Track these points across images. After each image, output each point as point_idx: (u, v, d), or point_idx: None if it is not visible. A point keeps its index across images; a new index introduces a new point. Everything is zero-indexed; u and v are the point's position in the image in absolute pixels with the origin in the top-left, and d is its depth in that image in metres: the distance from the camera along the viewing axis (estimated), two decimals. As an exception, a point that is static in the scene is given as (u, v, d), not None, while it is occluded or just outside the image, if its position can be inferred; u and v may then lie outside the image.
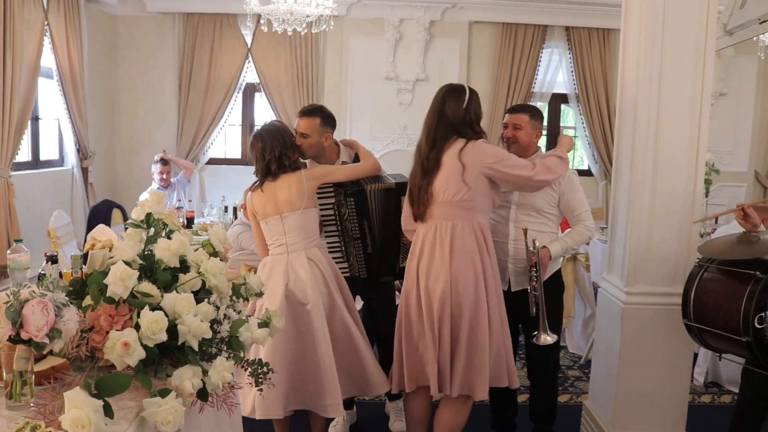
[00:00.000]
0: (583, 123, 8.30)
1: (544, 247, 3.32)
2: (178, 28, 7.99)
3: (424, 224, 3.14)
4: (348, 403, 3.68)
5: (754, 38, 6.27)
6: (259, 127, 3.38)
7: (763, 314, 2.59)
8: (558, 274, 3.55)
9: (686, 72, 3.21)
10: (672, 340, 3.33)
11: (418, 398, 3.28)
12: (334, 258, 3.45)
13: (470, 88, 3.18)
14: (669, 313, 3.25)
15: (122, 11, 7.89)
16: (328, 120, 3.43)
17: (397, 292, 3.87)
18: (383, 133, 8.16)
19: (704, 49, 3.19)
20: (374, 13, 7.92)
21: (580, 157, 8.92)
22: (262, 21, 6.26)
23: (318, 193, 3.36)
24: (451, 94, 3.13)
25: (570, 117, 8.78)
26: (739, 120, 8.57)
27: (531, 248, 3.27)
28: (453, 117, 3.08)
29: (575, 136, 8.42)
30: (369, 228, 3.43)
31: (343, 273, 3.44)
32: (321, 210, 3.40)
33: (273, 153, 3.20)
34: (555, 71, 8.32)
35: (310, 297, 3.15)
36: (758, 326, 2.58)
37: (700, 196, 3.33)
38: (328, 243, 3.49)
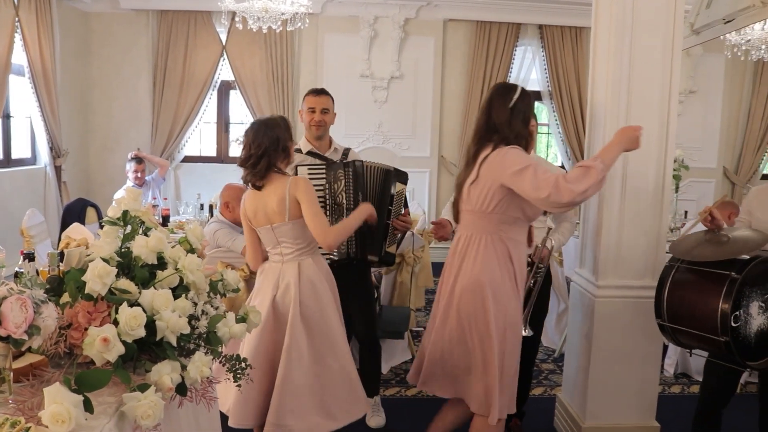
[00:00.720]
0: (556, 120, 8.41)
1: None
2: (152, 26, 7.96)
3: (459, 227, 3.04)
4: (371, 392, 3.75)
5: (721, 37, 6.40)
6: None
7: (738, 312, 2.66)
8: (548, 270, 3.61)
9: (654, 70, 3.28)
10: (643, 333, 3.40)
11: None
12: None
13: (522, 88, 2.93)
14: (639, 306, 3.32)
15: (95, 8, 7.84)
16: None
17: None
18: (358, 130, 8.20)
19: (672, 48, 3.27)
20: (349, 10, 7.95)
21: (554, 153, 9.03)
22: (237, 18, 6.25)
23: (309, 174, 3.38)
24: (499, 94, 2.92)
25: (543, 114, 8.87)
26: (707, 117, 8.75)
27: (545, 245, 3.33)
28: (496, 117, 2.87)
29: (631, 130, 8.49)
30: (363, 201, 3.39)
31: (329, 255, 3.42)
32: None
33: (259, 149, 2.94)
34: (528, 69, 8.44)
35: (291, 308, 2.99)
36: (734, 324, 2.64)
37: (669, 192, 3.40)
38: None
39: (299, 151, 3.63)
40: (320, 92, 3.68)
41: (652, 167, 3.34)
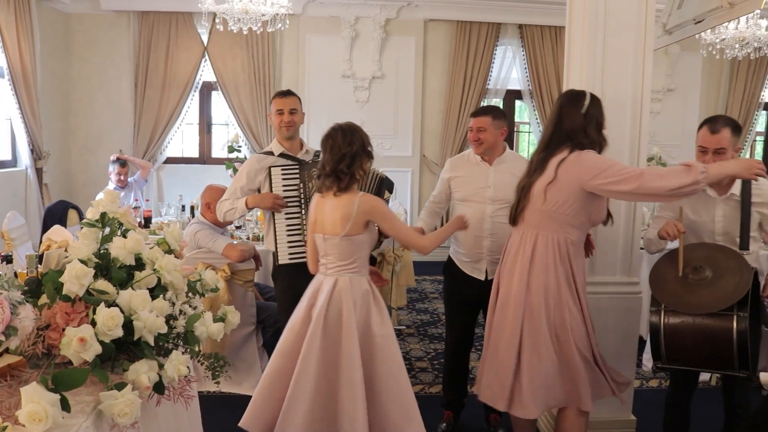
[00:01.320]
0: (536, 118, 8.48)
1: None
2: (134, 27, 7.95)
3: (516, 229, 3.04)
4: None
5: (696, 36, 6.50)
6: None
7: None
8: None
9: (626, 70, 3.35)
10: (618, 328, 3.47)
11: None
12: (293, 241, 3.51)
13: (592, 95, 2.96)
14: (615, 302, 3.40)
15: (75, 9, 7.82)
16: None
17: None
18: (341, 130, 8.21)
19: (643, 47, 3.33)
20: (330, 11, 7.98)
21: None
22: (217, 20, 6.27)
23: (283, 175, 3.50)
24: (570, 101, 2.95)
25: (525, 113, 8.96)
26: (686, 114, 8.85)
27: None
28: (569, 124, 2.89)
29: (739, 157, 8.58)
30: None
31: (298, 258, 3.48)
32: (284, 191, 3.50)
33: (351, 148, 2.91)
34: (509, 68, 8.50)
35: (314, 321, 2.90)
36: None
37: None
38: (289, 226, 3.55)
39: (271, 153, 3.69)
40: (286, 94, 3.76)
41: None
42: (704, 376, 4.58)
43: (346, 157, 2.89)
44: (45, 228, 5.69)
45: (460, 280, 3.65)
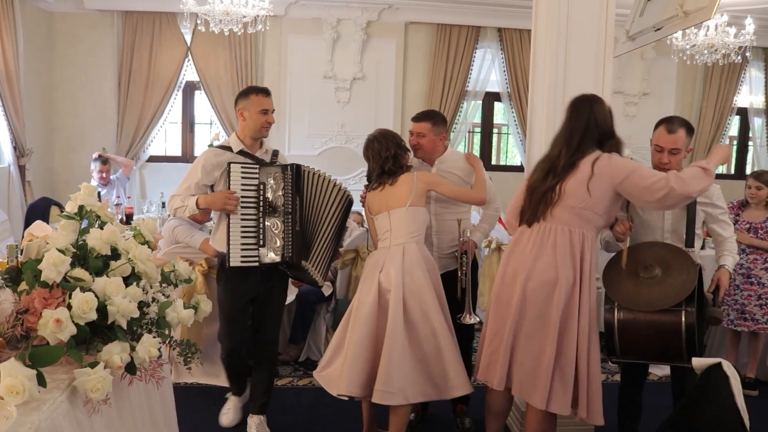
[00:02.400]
0: (515, 120, 8.64)
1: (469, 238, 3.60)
2: (117, 26, 8.02)
3: (538, 224, 3.04)
4: (242, 389, 3.94)
5: (668, 42, 6.69)
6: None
7: None
8: (475, 257, 3.85)
9: (587, 75, 3.51)
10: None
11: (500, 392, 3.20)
12: (247, 244, 3.37)
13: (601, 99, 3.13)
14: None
15: (59, 8, 7.89)
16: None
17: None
18: (322, 130, 8.36)
19: (603, 54, 3.49)
20: (312, 13, 8.10)
21: (514, 154, 9.28)
22: (199, 21, 6.38)
23: (243, 173, 3.39)
24: (598, 102, 3.07)
25: (502, 115, 9.11)
26: (661, 117, 9.00)
27: (462, 238, 3.56)
28: (603, 126, 3.02)
29: (726, 145, 8.75)
30: (300, 206, 3.46)
31: (250, 261, 3.38)
32: (242, 190, 3.36)
33: (389, 151, 3.42)
34: (488, 70, 8.65)
35: (393, 286, 3.24)
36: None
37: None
38: (244, 228, 3.37)
39: (229, 149, 3.54)
40: (269, 92, 3.59)
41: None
42: (665, 371, 4.76)
43: (389, 159, 3.43)
44: (27, 224, 5.77)
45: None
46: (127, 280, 2.14)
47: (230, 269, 3.38)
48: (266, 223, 3.40)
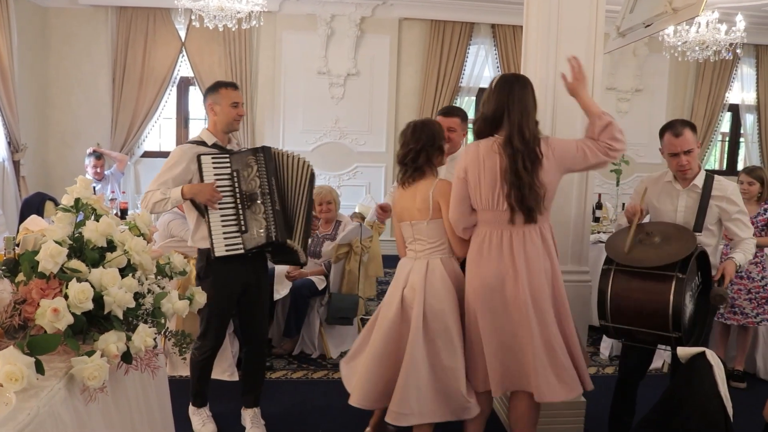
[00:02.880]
0: (508, 117, 8.68)
1: None
2: (111, 22, 8.04)
3: (516, 227, 2.96)
4: (205, 401, 3.76)
5: (660, 39, 6.74)
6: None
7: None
8: None
9: (578, 71, 3.54)
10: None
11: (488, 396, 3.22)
12: (229, 233, 3.34)
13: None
14: (567, 290, 3.56)
15: (53, 4, 7.90)
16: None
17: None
18: (316, 126, 8.40)
19: (594, 51, 3.53)
20: (306, 9, 8.13)
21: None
22: (194, 17, 6.40)
23: (214, 163, 3.36)
24: (529, 84, 3.01)
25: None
26: (653, 114, 9.10)
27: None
28: (534, 109, 2.98)
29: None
30: (277, 186, 3.44)
31: (235, 248, 3.36)
32: (216, 181, 3.34)
33: (417, 144, 3.16)
34: (482, 66, 8.71)
35: (415, 304, 3.13)
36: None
37: (591, 185, 3.66)
38: (223, 218, 3.36)
39: (203, 143, 3.49)
40: (237, 86, 3.57)
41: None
42: (656, 364, 4.81)
43: (412, 151, 3.17)
44: (22, 219, 5.79)
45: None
46: (123, 272, 2.18)
47: (216, 263, 3.36)
48: (246, 208, 3.39)
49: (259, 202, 3.39)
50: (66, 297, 1.91)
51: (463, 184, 3.00)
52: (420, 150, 3.16)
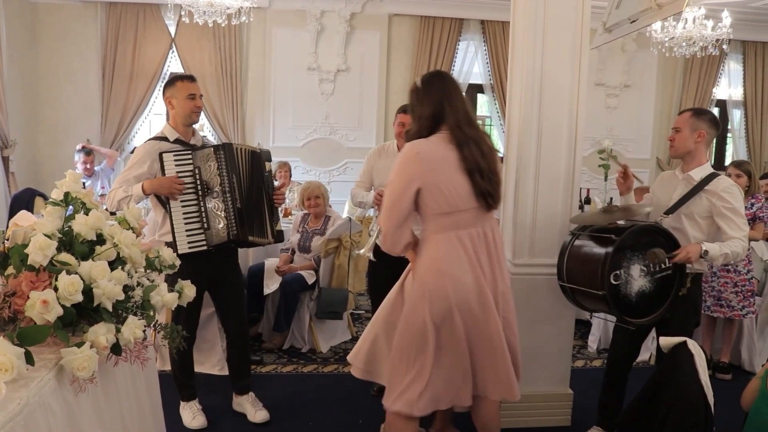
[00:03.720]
0: (497, 112, 8.72)
1: None
2: (101, 17, 8.03)
3: (485, 220, 2.87)
4: (193, 394, 3.78)
5: (647, 34, 6.79)
6: None
7: (618, 272, 2.99)
8: None
9: (564, 65, 3.57)
10: (555, 306, 3.70)
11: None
12: (191, 230, 3.39)
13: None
14: (551, 282, 3.61)
15: (42, -1, 7.88)
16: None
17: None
18: (306, 122, 8.41)
19: (580, 45, 3.57)
20: (296, 4, 8.14)
21: (497, 146, 9.36)
22: (183, 12, 6.40)
23: (176, 161, 3.37)
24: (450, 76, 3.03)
25: (486, 107, 9.19)
26: (641, 110, 9.17)
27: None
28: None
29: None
30: (237, 183, 3.47)
31: (198, 245, 3.40)
32: (178, 177, 3.37)
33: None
34: (471, 62, 8.74)
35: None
36: (614, 282, 2.97)
37: (578, 178, 3.70)
38: (186, 214, 3.40)
39: (166, 139, 3.54)
40: (194, 79, 3.59)
41: (563, 156, 3.64)
42: (644, 356, 4.87)
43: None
44: (12, 215, 5.79)
45: (383, 260, 3.68)
46: (113, 265, 2.19)
47: (180, 258, 3.25)
48: (207, 205, 3.42)
49: (220, 200, 3.43)
50: (56, 289, 1.93)
51: (411, 198, 2.75)
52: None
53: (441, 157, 2.73)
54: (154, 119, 8.51)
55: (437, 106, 2.80)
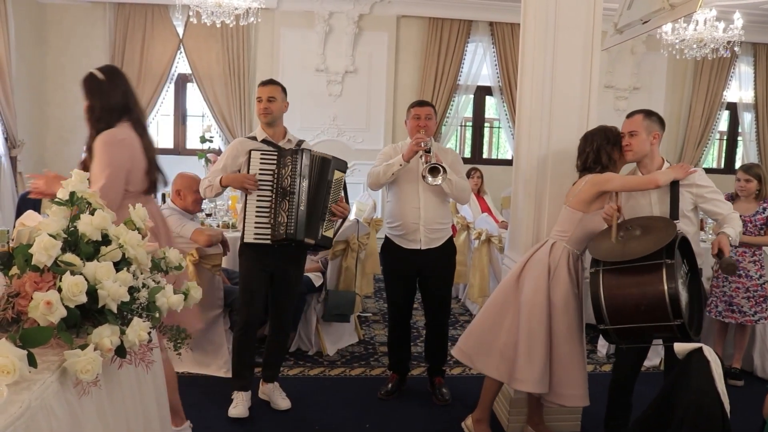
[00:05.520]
0: (506, 114, 8.68)
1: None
2: (109, 18, 8.02)
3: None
4: (245, 385, 3.86)
5: (658, 36, 6.74)
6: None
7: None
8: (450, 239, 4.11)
9: (575, 66, 3.53)
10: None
11: None
12: (260, 223, 3.66)
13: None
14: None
15: None
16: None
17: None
18: (313, 123, 8.38)
19: (591, 46, 3.52)
20: (304, 6, 8.12)
21: (505, 148, 9.31)
22: (191, 13, 6.38)
23: (261, 159, 3.66)
24: None
25: (494, 109, 9.15)
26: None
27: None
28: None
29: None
30: (307, 187, 3.66)
31: (263, 239, 3.65)
32: (260, 175, 3.64)
33: (592, 146, 3.31)
34: (480, 64, 8.70)
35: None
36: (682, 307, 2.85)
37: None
38: (258, 207, 3.67)
39: (254, 138, 3.85)
40: (267, 83, 3.92)
41: (573, 158, 3.56)
42: (654, 362, 4.82)
43: (590, 154, 3.30)
44: (19, 214, 5.78)
45: (396, 255, 4.04)
46: (118, 266, 2.16)
47: (246, 246, 3.73)
48: (278, 204, 3.65)
49: (287, 200, 3.65)
50: (60, 290, 1.90)
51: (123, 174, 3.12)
52: (597, 149, 3.30)
53: (137, 145, 3.17)
54: (161, 120, 8.51)
55: (123, 98, 3.20)
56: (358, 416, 3.89)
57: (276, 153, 3.70)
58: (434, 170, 3.67)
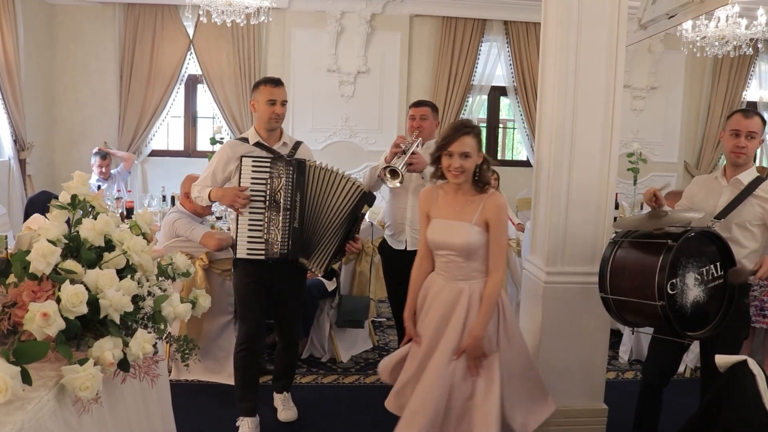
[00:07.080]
0: (521, 114, 8.53)
1: None
2: (119, 18, 7.94)
3: None
4: (251, 409, 3.60)
5: (678, 34, 6.57)
6: None
7: (674, 281, 2.77)
8: None
9: (599, 64, 3.39)
10: (590, 316, 3.51)
11: None
12: (253, 237, 3.36)
13: None
14: (586, 291, 3.43)
15: (60, 0, 7.81)
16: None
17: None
18: (325, 124, 8.27)
19: (616, 43, 3.38)
20: (316, 5, 8.00)
21: (519, 149, 9.17)
22: (201, 12, 6.28)
23: (253, 167, 3.36)
24: None
25: (508, 110, 9.01)
26: (669, 113, 8.92)
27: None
28: None
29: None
30: (300, 202, 3.37)
31: (257, 254, 3.37)
32: (252, 183, 3.34)
33: None
34: (494, 64, 8.54)
35: None
36: (671, 292, 2.75)
37: (613, 182, 3.51)
38: (251, 221, 3.37)
39: (245, 140, 3.54)
40: (279, 83, 3.57)
41: (597, 158, 3.46)
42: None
43: None
44: (27, 218, 5.70)
45: (388, 256, 4.02)
46: (122, 273, 2.04)
47: (239, 260, 3.45)
48: (272, 218, 3.37)
49: (280, 215, 3.36)
50: (58, 300, 1.78)
51: None
52: None
53: None
54: (171, 121, 8.41)
55: None
56: (373, 426, 3.76)
57: (268, 160, 3.39)
58: (394, 173, 3.52)
